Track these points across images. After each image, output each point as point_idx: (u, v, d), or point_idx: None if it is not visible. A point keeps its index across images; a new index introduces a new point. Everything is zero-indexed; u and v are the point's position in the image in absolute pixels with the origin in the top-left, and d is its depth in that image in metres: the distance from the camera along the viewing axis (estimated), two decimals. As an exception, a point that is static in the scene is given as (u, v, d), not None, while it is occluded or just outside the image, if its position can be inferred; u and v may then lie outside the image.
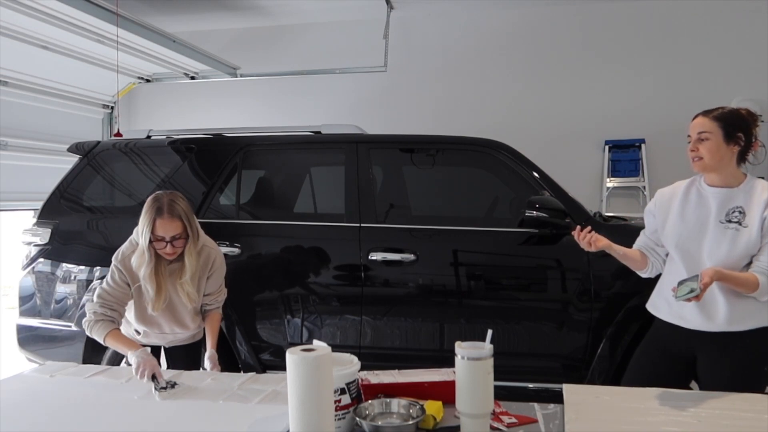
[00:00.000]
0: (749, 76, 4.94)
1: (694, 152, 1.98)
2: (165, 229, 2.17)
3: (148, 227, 2.17)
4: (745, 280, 1.87)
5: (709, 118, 1.97)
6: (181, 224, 2.20)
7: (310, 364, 1.32)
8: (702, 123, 1.98)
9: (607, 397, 1.66)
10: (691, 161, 2.00)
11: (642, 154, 5.12)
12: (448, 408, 1.53)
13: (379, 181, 3.28)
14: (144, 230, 2.18)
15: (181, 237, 2.21)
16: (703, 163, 1.97)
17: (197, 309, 2.44)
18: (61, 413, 1.63)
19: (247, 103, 5.90)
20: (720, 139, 1.94)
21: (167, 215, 2.17)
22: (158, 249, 2.21)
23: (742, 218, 1.92)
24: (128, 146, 3.46)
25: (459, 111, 5.47)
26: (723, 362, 1.95)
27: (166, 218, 2.16)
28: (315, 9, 5.45)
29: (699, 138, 1.96)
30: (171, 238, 2.18)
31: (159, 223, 2.16)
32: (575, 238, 2.11)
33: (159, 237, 2.17)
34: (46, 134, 5.07)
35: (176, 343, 2.49)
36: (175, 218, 2.18)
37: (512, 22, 5.44)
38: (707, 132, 1.95)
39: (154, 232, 2.16)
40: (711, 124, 1.96)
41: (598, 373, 2.77)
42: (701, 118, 1.99)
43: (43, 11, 3.86)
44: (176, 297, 2.34)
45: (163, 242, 2.18)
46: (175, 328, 2.42)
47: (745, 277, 1.87)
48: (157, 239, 2.18)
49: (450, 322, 2.94)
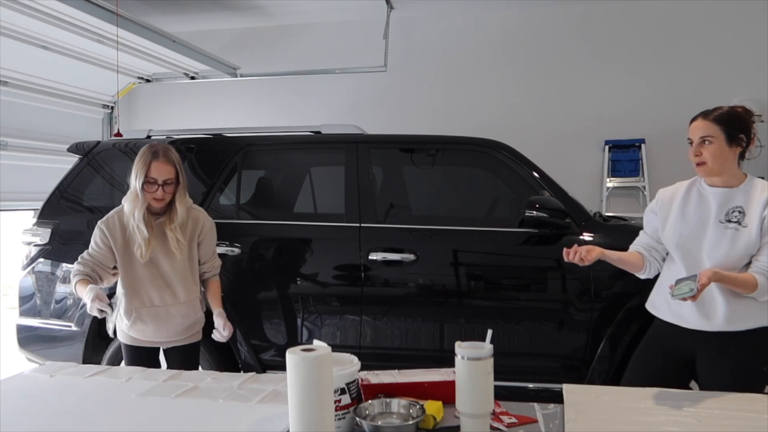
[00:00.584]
0: (749, 76, 4.94)
1: (697, 157, 1.96)
2: (159, 172, 2.28)
3: (143, 170, 2.28)
4: (744, 281, 1.87)
5: (709, 121, 1.95)
6: (174, 170, 2.32)
7: (310, 364, 1.31)
8: (703, 127, 1.96)
9: (607, 397, 1.66)
10: (694, 165, 1.99)
11: (642, 154, 5.12)
12: (448, 408, 1.53)
13: (379, 181, 3.28)
14: (138, 173, 2.28)
15: (172, 183, 2.32)
16: (707, 168, 1.96)
17: (185, 274, 2.41)
18: (61, 413, 1.63)
19: (247, 103, 5.90)
20: (723, 142, 1.93)
21: (162, 158, 2.30)
22: (149, 192, 2.29)
23: (741, 218, 1.92)
24: (128, 146, 3.46)
25: (459, 111, 5.47)
26: (722, 362, 1.95)
27: (161, 161, 2.29)
28: (315, 9, 5.45)
29: (701, 142, 1.95)
30: (163, 181, 2.29)
31: (154, 165, 2.28)
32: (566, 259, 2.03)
33: (152, 179, 2.28)
34: (46, 134, 5.07)
35: (174, 339, 2.46)
36: (169, 163, 2.31)
37: (512, 22, 5.44)
38: (710, 136, 1.94)
39: (148, 174, 2.27)
40: (713, 127, 1.94)
41: (598, 373, 2.77)
42: (701, 121, 1.97)
43: (43, 11, 3.86)
44: (164, 256, 2.36)
45: (155, 185, 2.29)
46: (166, 296, 2.38)
47: (743, 278, 1.87)
48: (149, 182, 2.28)
49: (450, 322, 2.94)
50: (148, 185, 2.29)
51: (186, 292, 2.42)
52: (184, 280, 2.42)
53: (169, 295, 2.40)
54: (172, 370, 2.13)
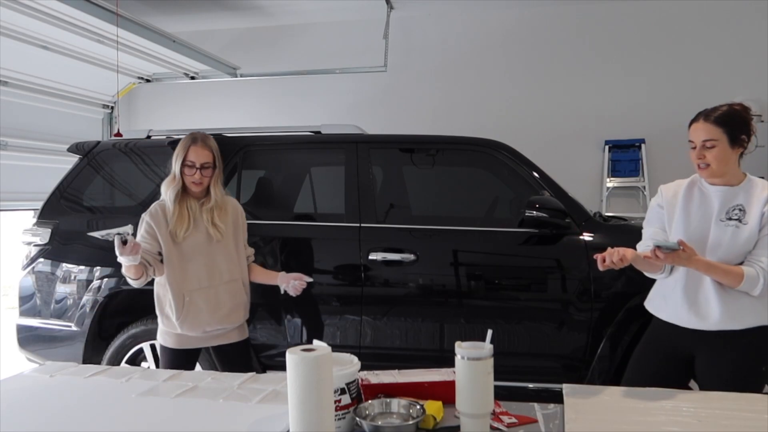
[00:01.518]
0: (749, 76, 4.94)
1: (701, 160, 1.96)
2: (197, 155, 2.42)
3: (182, 153, 2.43)
4: (728, 270, 1.89)
5: (711, 123, 1.94)
6: (211, 155, 2.46)
7: (310, 364, 1.31)
8: (706, 130, 1.94)
9: (607, 397, 1.66)
10: (697, 167, 1.99)
11: (642, 154, 5.12)
12: (448, 408, 1.53)
13: (379, 181, 3.28)
14: (177, 156, 2.43)
15: (210, 167, 2.46)
16: (711, 170, 1.96)
17: (230, 255, 2.51)
18: (61, 413, 1.63)
19: (247, 103, 5.90)
20: (726, 144, 1.93)
21: (201, 143, 2.45)
22: (188, 175, 2.43)
23: (742, 216, 1.93)
24: (128, 146, 3.46)
25: (459, 111, 5.47)
26: (721, 362, 1.95)
27: (199, 145, 2.44)
28: (315, 9, 5.45)
29: (704, 145, 1.94)
30: (201, 165, 2.42)
31: (192, 149, 2.43)
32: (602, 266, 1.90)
33: (190, 162, 2.42)
34: (46, 134, 5.07)
35: (225, 327, 2.47)
36: (207, 148, 2.45)
37: (512, 22, 5.44)
38: (713, 139, 1.93)
39: (186, 157, 2.42)
40: (715, 130, 1.93)
41: (598, 373, 2.77)
42: (703, 123, 1.96)
43: (43, 11, 3.86)
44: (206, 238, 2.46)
45: (193, 168, 2.42)
46: (213, 276, 2.45)
47: (727, 268, 1.89)
48: (187, 165, 2.42)
49: (450, 322, 2.94)
50: (187, 168, 2.42)
51: (231, 271, 2.50)
52: (229, 261, 2.50)
53: (217, 274, 2.47)
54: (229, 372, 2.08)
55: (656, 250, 1.81)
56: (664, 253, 1.81)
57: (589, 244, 2.83)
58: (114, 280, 3.19)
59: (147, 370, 2.01)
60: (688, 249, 1.82)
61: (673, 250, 1.81)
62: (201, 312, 2.43)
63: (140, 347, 3.15)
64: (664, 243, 1.82)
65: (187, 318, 2.42)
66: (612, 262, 1.88)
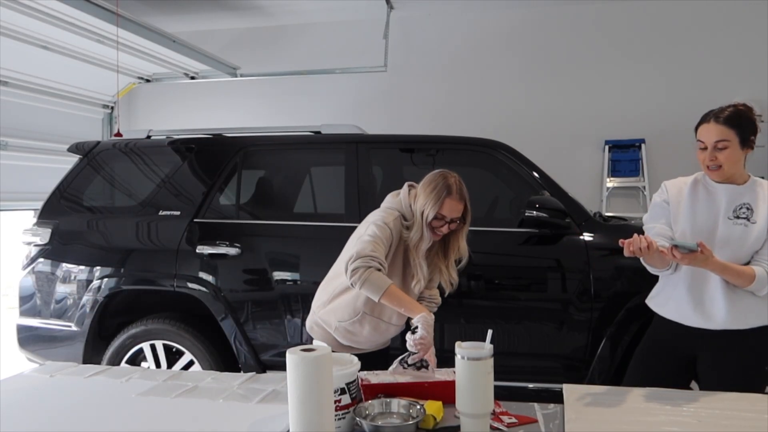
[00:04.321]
0: (749, 77, 4.94)
1: (713, 161, 1.94)
2: (451, 210, 2.13)
3: (435, 204, 2.12)
4: (741, 270, 1.88)
5: (721, 124, 1.93)
6: (464, 207, 2.18)
7: (310, 364, 1.31)
8: (718, 131, 1.93)
9: (607, 397, 1.66)
10: (706, 169, 1.98)
11: (642, 154, 5.13)
12: (448, 408, 1.53)
13: (379, 181, 3.28)
14: (429, 206, 2.13)
15: (457, 219, 2.18)
16: (722, 172, 1.95)
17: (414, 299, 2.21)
18: (61, 413, 1.63)
19: (247, 103, 5.90)
20: (737, 146, 1.93)
21: (456, 195, 2.14)
22: (435, 227, 2.16)
23: (750, 214, 1.93)
24: (128, 146, 3.46)
25: (459, 111, 5.47)
26: (723, 362, 1.95)
27: (455, 198, 2.14)
28: (315, 9, 5.45)
29: (716, 146, 1.93)
30: (451, 219, 2.15)
31: (448, 202, 2.13)
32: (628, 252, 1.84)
33: (441, 216, 2.14)
34: (46, 134, 5.07)
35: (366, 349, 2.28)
36: (461, 201, 2.17)
37: (512, 22, 5.44)
38: (725, 140, 1.92)
39: (440, 210, 2.12)
40: (728, 131, 1.92)
41: (598, 373, 2.77)
42: (714, 124, 1.94)
43: (43, 11, 3.86)
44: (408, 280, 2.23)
45: (442, 221, 2.15)
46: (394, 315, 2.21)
47: (740, 268, 1.89)
48: (437, 218, 2.14)
49: (450, 322, 2.94)
50: (436, 221, 2.15)
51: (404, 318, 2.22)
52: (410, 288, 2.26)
53: (397, 315, 2.20)
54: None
55: (673, 249, 1.80)
56: (681, 254, 1.79)
57: (589, 244, 2.83)
58: (114, 280, 3.19)
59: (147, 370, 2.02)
60: (706, 251, 1.80)
61: (692, 251, 1.78)
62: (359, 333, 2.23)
63: (140, 347, 3.15)
64: (682, 243, 1.79)
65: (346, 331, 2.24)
66: (639, 249, 1.82)
